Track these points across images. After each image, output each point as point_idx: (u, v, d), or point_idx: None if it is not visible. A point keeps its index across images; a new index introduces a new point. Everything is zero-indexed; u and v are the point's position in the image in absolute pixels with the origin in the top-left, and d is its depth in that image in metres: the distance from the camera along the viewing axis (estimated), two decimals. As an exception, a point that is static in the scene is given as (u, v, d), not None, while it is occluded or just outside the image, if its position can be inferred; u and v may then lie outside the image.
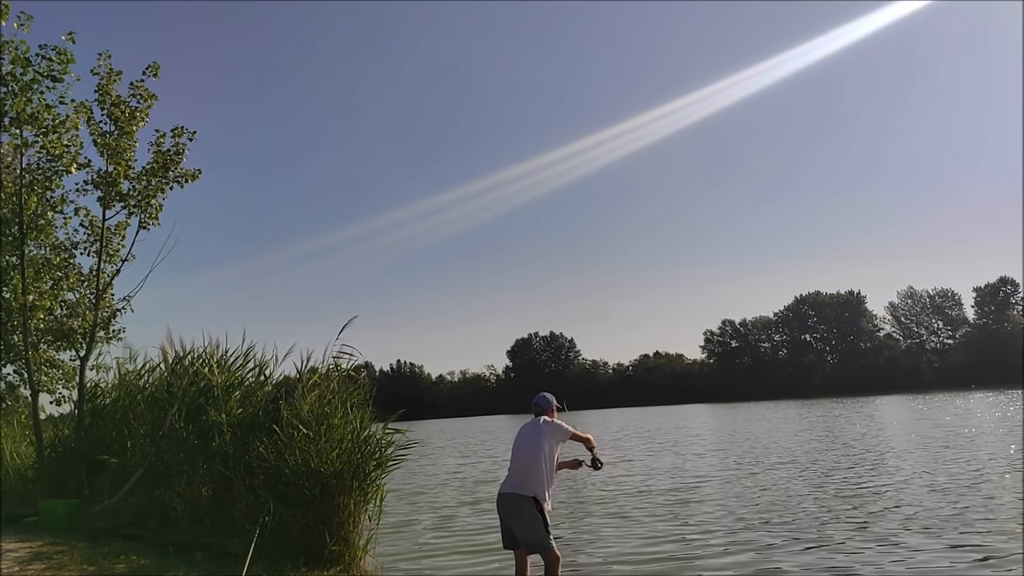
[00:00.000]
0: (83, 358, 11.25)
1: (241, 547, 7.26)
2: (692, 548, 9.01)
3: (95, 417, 10.78)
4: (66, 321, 11.87)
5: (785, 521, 10.37)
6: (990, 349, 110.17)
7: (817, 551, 8.46)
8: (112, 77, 11.26)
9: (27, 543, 7.95)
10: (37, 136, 10.90)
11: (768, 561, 8.16)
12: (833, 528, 9.70)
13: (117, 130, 11.24)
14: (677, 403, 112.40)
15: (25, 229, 11.09)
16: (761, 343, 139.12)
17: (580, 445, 6.67)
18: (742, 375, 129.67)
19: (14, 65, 10.39)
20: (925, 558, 7.87)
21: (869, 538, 8.98)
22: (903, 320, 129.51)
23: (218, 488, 8.57)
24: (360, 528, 8.07)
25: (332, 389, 8.58)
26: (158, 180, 11.47)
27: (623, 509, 12.28)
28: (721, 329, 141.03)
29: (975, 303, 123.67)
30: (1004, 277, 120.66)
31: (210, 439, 8.65)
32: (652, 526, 10.63)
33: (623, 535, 10.08)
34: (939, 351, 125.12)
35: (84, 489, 10.08)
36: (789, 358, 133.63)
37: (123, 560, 7.26)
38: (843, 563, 7.85)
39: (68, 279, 11.99)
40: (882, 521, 9.97)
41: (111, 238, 11.69)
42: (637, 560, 8.60)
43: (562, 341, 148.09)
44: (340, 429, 8.05)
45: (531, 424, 6.47)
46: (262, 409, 8.78)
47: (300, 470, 7.63)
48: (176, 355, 9.98)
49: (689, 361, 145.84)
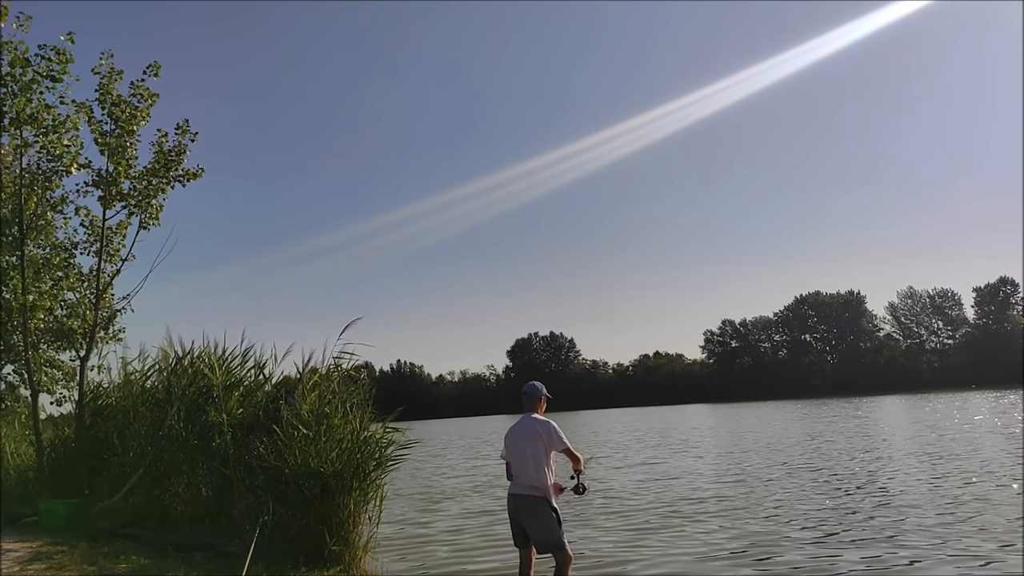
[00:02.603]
0: (83, 358, 11.25)
1: (241, 547, 7.26)
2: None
3: (95, 417, 10.78)
4: (66, 321, 11.87)
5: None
6: (990, 349, 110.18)
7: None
8: (113, 76, 11.27)
9: (27, 543, 7.95)
10: (37, 136, 10.91)
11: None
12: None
13: (118, 129, 11.25)
14: (677, 403, 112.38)
15: (25, 229, 11.09)
16: (761, 343, 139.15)
17: (568, 463, 6.32)
18: (742, 375, 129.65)
19: (13, 66, 10.39)
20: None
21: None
22: (903, 320, 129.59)
23: (218, 488, 8.57)
24: (360, 528, 8.07)
25: (332, 389, 8.58)
26: (159, 180, 11.48)
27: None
28: (721, 329, 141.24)
29: (975, 303, 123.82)
30: (1004, 277, 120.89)
31: (210, 439, 8.66)
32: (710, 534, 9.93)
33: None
34: (939, 351, 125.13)
35: (84, 489, 10.09)
36: (789, 358, 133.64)
37: (123, 560, 7.27)
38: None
39: (68, 279, 12.00)
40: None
41: (111, 238, 11.69)
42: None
43: (562, 341, 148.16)
44: (340, 429, 8.05)
45: (525, 421, 6.34)
46: (262, 409, 8.78)
47: (300, 470, 7.63)
48: (176, 355, 9.99)
49: (689, 361, 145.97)
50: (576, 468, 6.34)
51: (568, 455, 6.26)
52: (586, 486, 6.41)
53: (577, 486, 6.35)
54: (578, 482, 6.34)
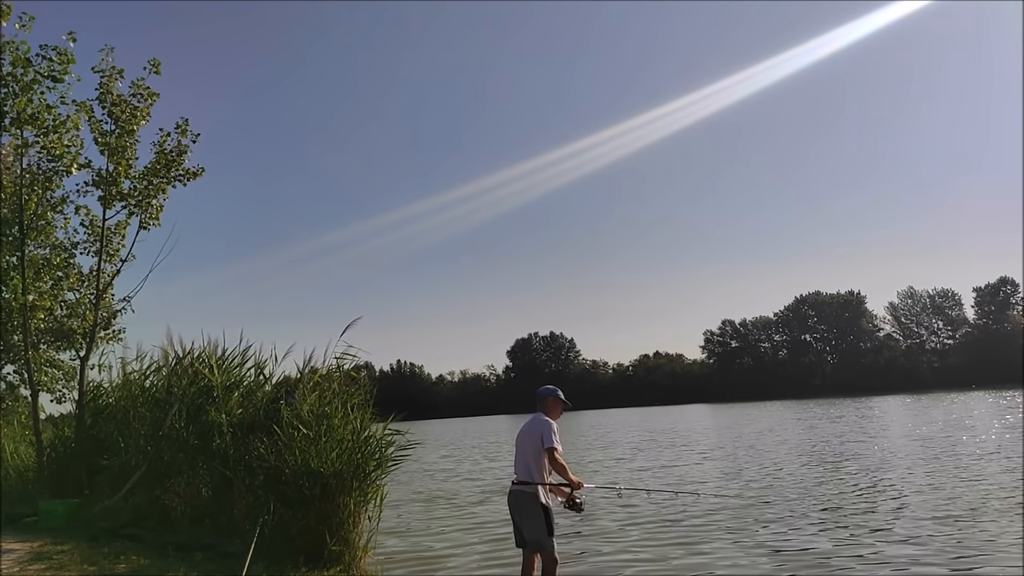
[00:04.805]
0: (83, 358, 11.25)
1: (241, 547, 7.26)
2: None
3: (95, 417, 10.78)
4: (66, 321, 11.88)
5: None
6: (990, 349, 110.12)
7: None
8: (114, 75, 11.27)
9: (27, 543, 7.96)
10: (37, 136, 10.91)
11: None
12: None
13: (118, 129, 11.25)
14: (677, 403, 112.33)
15: (25, 229, 11.10)
16: (761, 343, 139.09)
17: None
18: (742, 375, 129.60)
19: (15, 66, 10.39)
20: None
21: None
22: (903, 320, 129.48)
23: (218, 488, 8.56)
24: (360, 528, 8.07)
25: (332, 389, 8.58)
26: (159, 180, 11.48)
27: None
28: (721, 329, 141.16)
29: (975, 303, 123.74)
30: (1004, 277, 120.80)
31: (210, 439, 8.65)
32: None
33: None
34: (939, 351, 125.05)
35: (84, 489, 10.09)
36: (789, 358, 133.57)
37: (123, 560, 7.27)
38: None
39: (68, 279, 12.01)
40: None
41: (111, 238, 11.70)
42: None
43: (562, 341, 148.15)
44: (340, 429, 8.05)
45: (531, 420, 6.43)
46: (262, 409, 8.77)
47: (300, 470, 7.63)
48: (176, 355, 9.99)
49: (689, 361, 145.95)
50: (568, 482, 6.14)
51: (550, 457, 6.04)
52: (581, 504, 6.20)
53: (571, 499, 6.17)
54: (571, 496, 6.16)
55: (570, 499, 6.18)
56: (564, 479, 6.16)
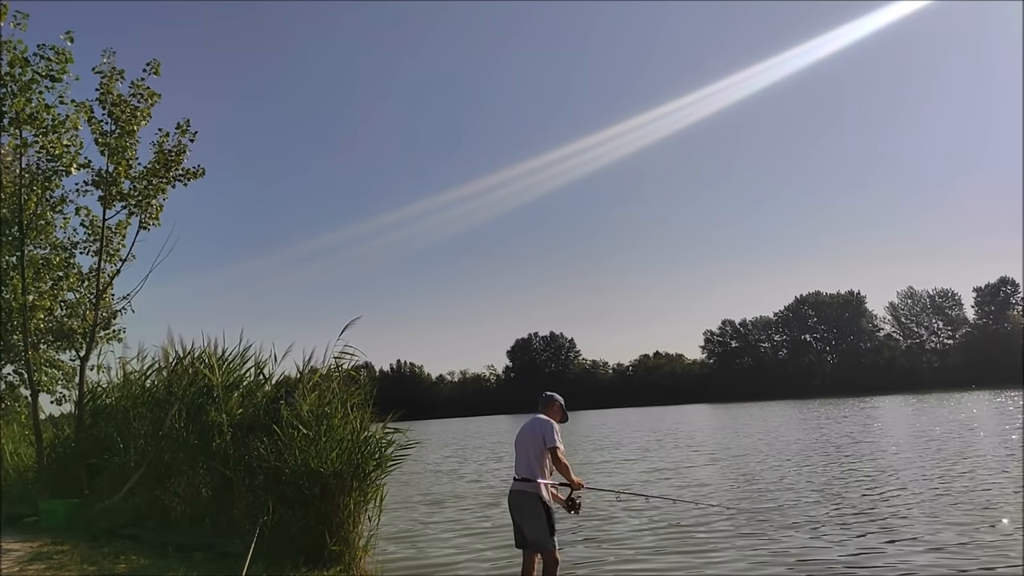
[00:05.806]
0: (83, 358, 11.25)
1: (241, 547, 7.26)
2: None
3: (95, 417, 10.78)
4: (66, 321, 11.87)
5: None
6: (990, 349, 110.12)
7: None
8: (114, 76, 11.26)
9: (27, 543, 7.95)
10: (37, 136, 10.89)
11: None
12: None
13: (118, 129, 11.24)
14: (677, 403, 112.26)
15: (25, 229, 11.09)
16: (761, 343, 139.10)
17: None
18: (742, 375, 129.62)
19: (13, 65, 10.38)
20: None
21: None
22: (903, 320, 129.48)
23: (218, 488, 8.56)
24: (360, 528, 8.06)
25: (332, 389, 8.58)
26: (159, 180, 11.47)
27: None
28: (721, 329, 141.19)
29: (975, 303, 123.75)
30: (1004, 277, 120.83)
31: (210, 439, 8.65)
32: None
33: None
34: (939, 351, 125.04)
35: (84, 489, 10.08)
36: (789, 358, 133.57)
37: (123, 560, 7.26)
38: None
39: (68, 279, 12.00)
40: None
41: (111, 238, 11.69)
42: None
43: (562, 341, 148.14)
44: (340, 429, 8.04)
45: (531, 420, 6.44)
46: (262, 409, 8.77)
47: (300, 470, 7.62)
48: (176, 355, 9.98)
49: (689, 361, 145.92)
50: (569, 481, 6.17)
51: (553, 456, 6.10)
52: (579, 504, 6.20)
53: (570, 499, 6.18)
54: (571, 497, 6.18)
55: (569, 499, 6.21)
56: (566, 479, 6.20)
